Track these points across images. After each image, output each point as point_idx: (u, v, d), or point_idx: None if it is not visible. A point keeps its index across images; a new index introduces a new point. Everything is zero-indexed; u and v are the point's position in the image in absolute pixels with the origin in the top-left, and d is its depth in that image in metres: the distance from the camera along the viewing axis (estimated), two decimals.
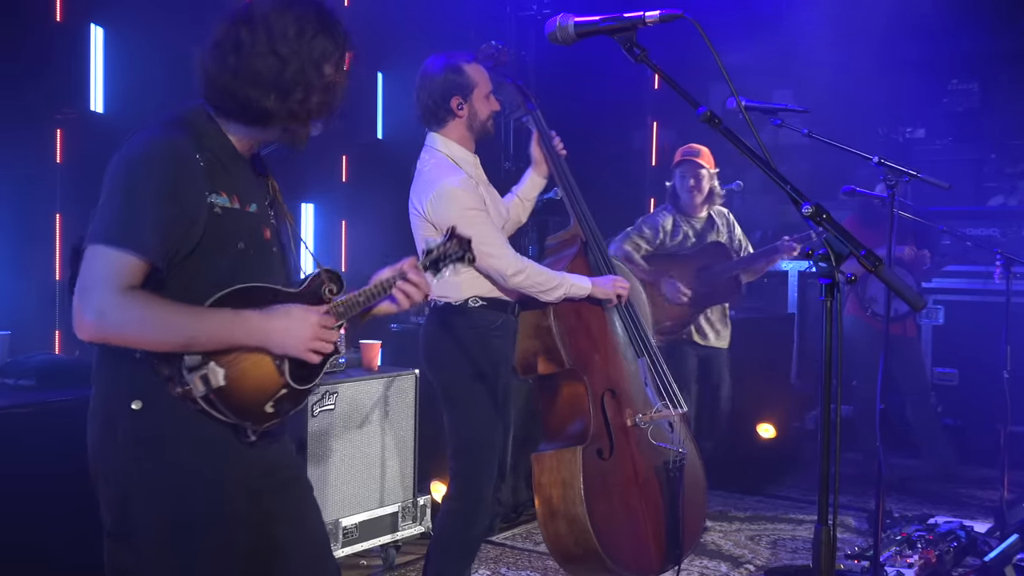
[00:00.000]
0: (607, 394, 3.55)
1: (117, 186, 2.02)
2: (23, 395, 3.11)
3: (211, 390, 2.03)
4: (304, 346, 2.11)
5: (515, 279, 3.29)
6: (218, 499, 2.10)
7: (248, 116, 2.13)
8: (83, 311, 1.98)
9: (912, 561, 3.95)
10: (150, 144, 2.05)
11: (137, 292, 1.98)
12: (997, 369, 4.64)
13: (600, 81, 6.94)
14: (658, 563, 3.58)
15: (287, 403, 2.16)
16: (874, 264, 1.70)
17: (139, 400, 2.05)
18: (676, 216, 5.09)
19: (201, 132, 2.12)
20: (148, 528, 2.07)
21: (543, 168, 3.66)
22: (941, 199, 6.33)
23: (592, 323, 3.58)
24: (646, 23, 1.96)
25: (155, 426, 2.05)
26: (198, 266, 2.06)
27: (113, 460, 2.08)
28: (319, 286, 2.22)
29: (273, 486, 2.22)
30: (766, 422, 6.00)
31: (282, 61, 2.08)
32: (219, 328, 2.03)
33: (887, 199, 3.51)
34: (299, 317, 2.11)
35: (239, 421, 2.07)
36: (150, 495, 2.06)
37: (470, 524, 3.40)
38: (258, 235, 2.17)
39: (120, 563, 2.11)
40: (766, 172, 1.84)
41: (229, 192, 2.10)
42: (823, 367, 1.77)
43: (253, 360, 2.09)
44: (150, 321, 1.98)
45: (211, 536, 2.09)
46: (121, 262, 1.97)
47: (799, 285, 7.23)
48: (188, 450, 2.07)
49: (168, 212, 2.00)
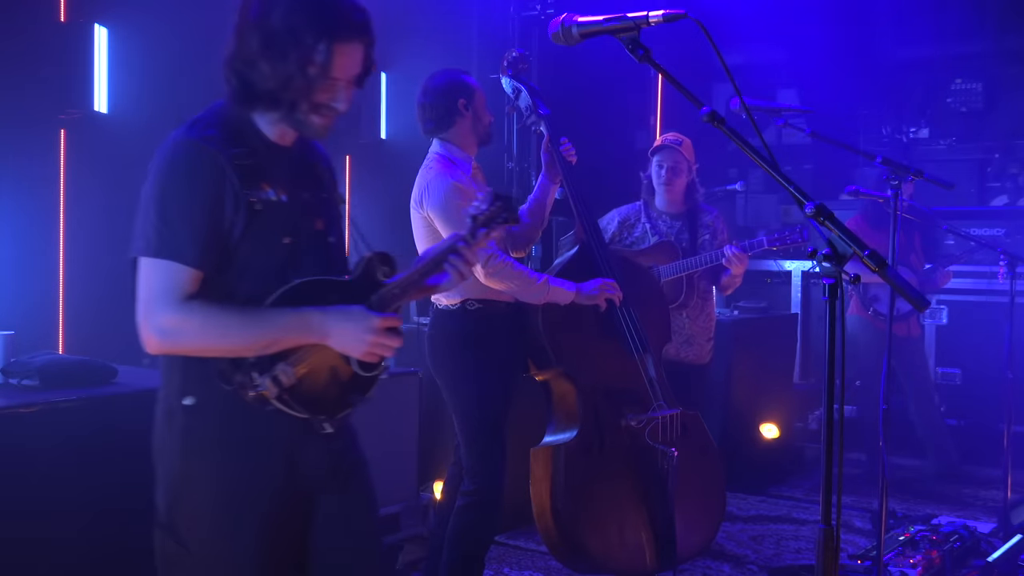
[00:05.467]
0: (600, 393, 3.59)
1: (152, 194, 2.01)
2: (27, 395, 3.11)
3: (284, 390, 2.03)
4: (364, 348, 2.10)
5: (490, 276, 3.33)
6: (264, 500, 2.10)
7: (247, 99, 2.08)
8: (147, 328, 2.00)
9: (915, 561, 3.94)
10: (178, 148, 2.03)
11: (194, 303, 1.99)
12: (1001, 369, 4.64)
13: (603, 81, 6.95)
14: (651, 562, 3.59)
15: (357, 392, 2.17)
16: (878, 264, 1.70)
17: (192, 396, 2.06)
18: (646, 212, 4.52)
19: (232, 127, 2.08)
20: (193, 523, 2.09)
21: (554, 172, 3.70)
22: (945, 199, 6.34)
23: (584, 323, 3.60)
24: (650, 23, 1.96)
25: (206, 424, 2.06)
26: (248, 262, 2.05)
27: (168, 453, 2.11)
28: (373, 270, 2.20)
29: (329, 483, 2.20)
30: (769, 422, 6.00)
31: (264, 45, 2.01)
32: (280, 329, 2.03)
33: (891, 199, 3.51)
34: (359, 319, 2.10)
35: (313, 415, 2.09)
36: (198, 491, 2.08)
37: (486, 516, 3.48)
38: (308, 227, 2.15)
39: (167, 552, 2.13)
40: (769, 172, 1.84)
41: (271, 185, 2.08)
42: (826, 367, 1.77)
43: (320, 355, 2.09)
44: (210, 330, 2.00)
45: (253, 537, 2.09)
46: (170, 273, 1.98)
47: (803, 285, 7.23)
48: (237, 449, 2.08)
49: (204, 216, 1.99)
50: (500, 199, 2.37)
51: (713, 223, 4.51)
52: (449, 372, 3.50)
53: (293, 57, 2.00)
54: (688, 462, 3.63)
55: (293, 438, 2.11)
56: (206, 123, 2.06)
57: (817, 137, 3.81)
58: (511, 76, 3.74)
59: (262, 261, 2.06)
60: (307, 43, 1.99)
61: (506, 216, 2.37)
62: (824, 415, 1.80)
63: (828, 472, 1.76)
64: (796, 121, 3.92)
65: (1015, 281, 4.47)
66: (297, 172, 2.17)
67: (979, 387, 6.45)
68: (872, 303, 5.95)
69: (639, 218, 4.50)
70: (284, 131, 2.14)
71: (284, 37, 2.00)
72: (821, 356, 1.79)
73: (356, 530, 2.25)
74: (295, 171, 2.16)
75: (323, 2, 2.02)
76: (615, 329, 3.65)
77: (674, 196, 4.47)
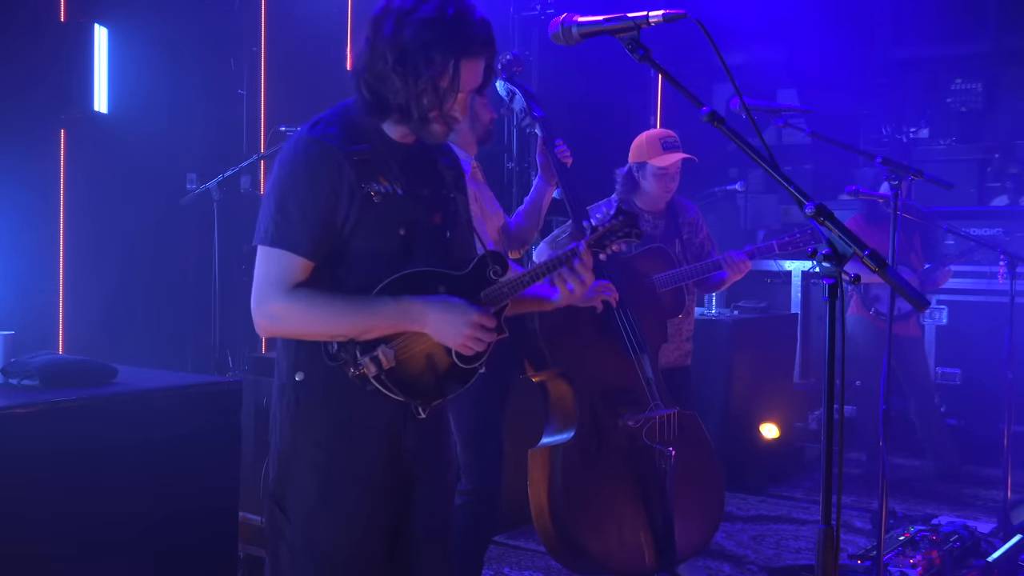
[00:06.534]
0: (597, 393, 3.60)
1: (272, 187, 2.16)
2: (27, 395, 3.10)
3: (382, 371, 2.14)
4: (459, 340, 2.18)
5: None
6: (362, 478, 2.20)
7: (379, 110, 2.18)
8: (258, 313, 2.16)
9: (915, 561, 3.94)
10: (297, 144, 2.16)
11: (301, 290, 2.12)
12: (1000, 369, 4.64)
13: (604, 81, 6.95)
14: (650, 563, 3.60)
15: (454, 382, 2.25)
16: (878, 264, 1.70)
17: (302, 372, 2.19)
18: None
19: (354, 125, 2.19)
20: (298, 495, 2.20)
21: (549, 174, 3.70)
22: (945, 199, 6.34)
23: (581, 324, 3.60)
24: (650, 23, 1.96)
25: (314, 398, 2.19)
26: (361, 253, 2.16)
27: (279, 427, 2.24)
28: (484, 268, 2.26)
29: (421, 471, 2.29)
30: (769, 422, 6.00)
31: (397, 61, 2.11)
32: (380, 317, 2.13)
33: (891, 199, 3.51)
34: (459, 311, 2.17)
35: (408, 399, 2.19)
36: (303, 465, 2.20)
37: (484, 515, 3.48)
38: (425, 220, 2.23)
39: (275, 524, 2.23)
40: (770, 172, 1.84)
41: (389, 179, 2.18)
42: (826, 367, 1.77)
43: (421, 343, 2.18)
44: (314, 316, 2.13)
45: (349, 513, 2.19)
46: (282, 262, 2.12)
47: (803, 285, 7.23)
48: (342, 427, 2.19)
49: (319, 210, 2.11)
50: (624, 215, 2.39)
51: (694, 220, 4.36)
52: None
53: (425, 74, 2.10)
54: (686, 461, 3.63)
55: (395, 422, 2.21)
56: (328, 122, 2.18)
57: (817, 137, 3.81)
58: (505, 79, 3.72)
59: (377, 250, 2.16)
60: (438, 60, 2.09)
61: (626, 232, 2.38)
62: (824, 415, 1.80)
63: (828, 472, 1.76)
64: (796, 121, 3.91)
65: (1015, 281, 4.47)
66: (417, 168, 2.26)
67: (979, 387, 6.45)
68: (874, 303, 5.95)
69: None
70: (405, 131, 2.23)
71: (417, 54, 2.09)
72: (821, 356, 1.79)
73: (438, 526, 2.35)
74: (415, 167, 2.26)
75: (454, 20, 2.10)
76: (612, 330, 3.65)
77: (665, 200, 4.27)
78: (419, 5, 2.11)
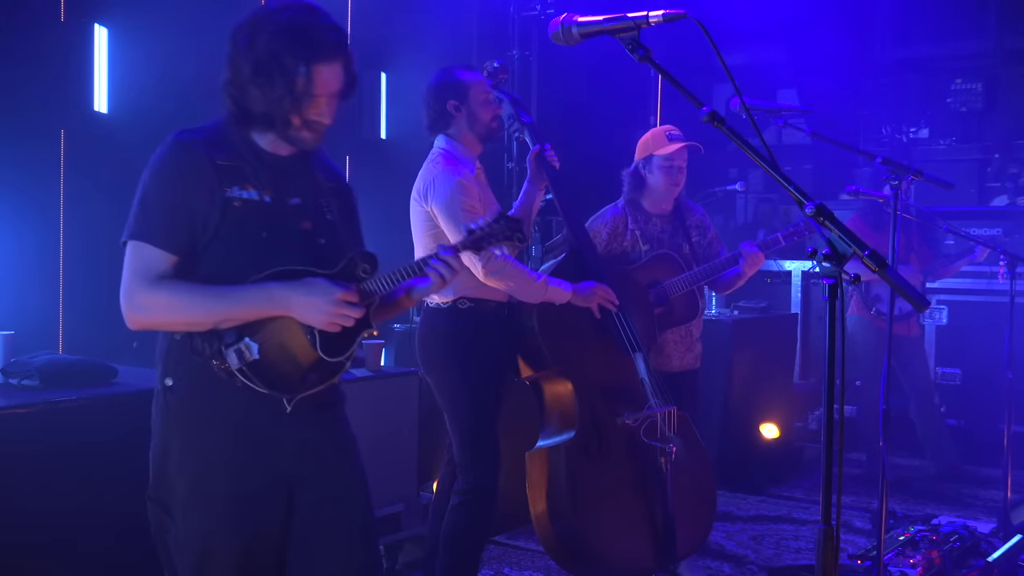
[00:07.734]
0: (596, 393, 3.60)
1: (139, 187, 2.25)
2: (27, 395, 3.11)
3: (245, 363, 2.19)
4: (324, 318, 2.22)
5: (490, 275, 3.33)
6: (236, 477, 2.24)
7: (244, 119, 2.27)
8: (125, 305, 2.22)
9: (915, 561, 3.95)
10: (165, 146, 2.26)
11: (164, 281, 2.19)
12: (1000, 369, 4.64)
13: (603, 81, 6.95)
14: (651, 562, 3.59)
15: (318, 375, 2.28)
16: (878, 264, 1.70)
17: (171, 377, 2.26)
18: (632, 215, 4.12)
19: (223, 135, 2.29)
20: (171, 496, 2.26)
21: (539, 178, 3.71)
22: (945, 199, 6.34)
23: (579, 323, 3.60)
24: (650, 23, 1.96)
25: (180, 401, 2.25)
26: (224, 254, 2.22)
27: (154, 430, 2.30)
28: (353, 267, 2.32)
29: (306, 470, 2.32)
30: (769, 422, 6.00)
31: (253, 71, 2.21)
32: (243, 302, 2.19)
33: (891, 199, 3.51)
34: (322, 290, 2.22)
35: (272, 392, 2.22)
36: (173, 465, 2.26)
37: (481, 514, 3.47)
38: (291, 226, 2.29)
39: (158, 524, 2.29)
40: (770, 172, 1.84)
41: (255, 186, 2.26)
42: (826, 367, 1.77)
43: (285, 335, 2.24)
44: (177, 304, 2.19)
45: (228, 512, 2.24)
46: (144, 254, 2.20)
47: (803, 285, 7.23)
48: (203, 424, 2.25)
49: (176, 206, 2.20)
50: (505, 219, 2.45)
51: (702, 222, 4.26)
52: (440, 370, 3.50)
53: (279, 80, 2.20)
54: (682, 460, 3.64)
55: (261, 417, 2.25)
56: (197, 129, 2.29)
57: (817, 137, 3.81)
58: (491, 87, 3.68)
59: (239, 252, 2.22)
60: (289, 66, 2.19)
61: (507, 235, 2.45)
62: (824, 415, 1.80)
63: (828, 472, 1.77)
64: (796, 121, 3.91)
65: (1015, 281, 4.47)
66: (289, 178, 2.33)
67: (979, 387, 6.45)
68: (875, 303, 5.95)
69: (626, 224, 4.09)
70: (275, 140, 2.31)
71: (269, 63, 2.19)
72: (821, 356, 1.79)
73: (337, 525, 2.34)
74: (287, 177, 2.33)
75: (300, 27, 2.21)
76: (609, 329, 3.65)
77: (673, 197, 4.14)
78: (271, 16, 2.21)
